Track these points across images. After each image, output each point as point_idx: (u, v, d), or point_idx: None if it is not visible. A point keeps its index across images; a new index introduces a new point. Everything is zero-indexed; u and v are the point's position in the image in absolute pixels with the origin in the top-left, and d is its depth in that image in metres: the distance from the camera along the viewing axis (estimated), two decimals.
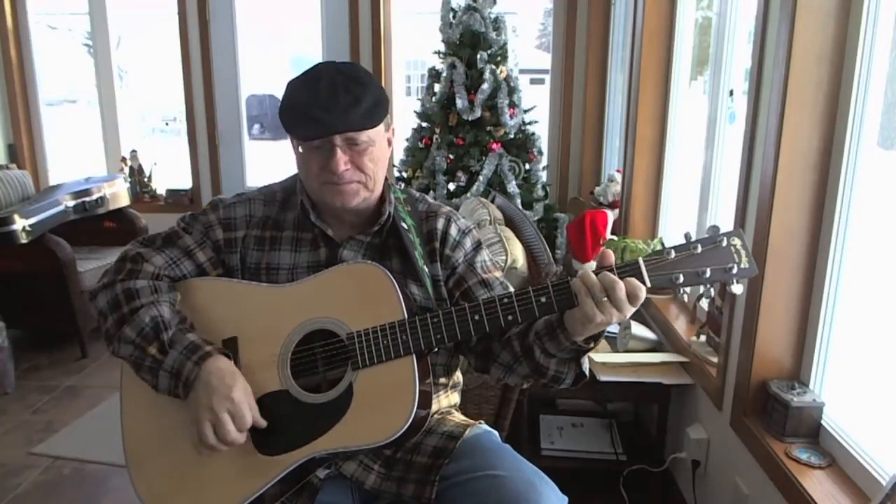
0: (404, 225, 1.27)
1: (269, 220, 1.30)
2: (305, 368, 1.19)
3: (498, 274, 1.32)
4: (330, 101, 1.13)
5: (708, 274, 1.06)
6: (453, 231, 1.30)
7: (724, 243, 1.06)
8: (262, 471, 1.16)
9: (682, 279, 1.06)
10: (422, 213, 1.32)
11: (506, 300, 1.11)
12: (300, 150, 1.19)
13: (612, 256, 1.08)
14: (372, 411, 1.14)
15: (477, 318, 1.12)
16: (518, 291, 1.12)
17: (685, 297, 2.40)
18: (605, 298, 1.03)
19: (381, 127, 1.20)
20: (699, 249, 1.06)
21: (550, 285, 1.09)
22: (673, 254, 1.06)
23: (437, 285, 1.28)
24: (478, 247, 1.33)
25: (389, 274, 1.17)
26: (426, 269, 1.26)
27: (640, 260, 1.07)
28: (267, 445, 1.17)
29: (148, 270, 1.23)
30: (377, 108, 1.17)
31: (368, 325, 1.15)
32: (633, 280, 1.04)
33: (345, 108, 1.13)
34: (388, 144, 1.25)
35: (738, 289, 1.07)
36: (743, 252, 1.06)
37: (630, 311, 1.05)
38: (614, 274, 1.05)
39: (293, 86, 1.18)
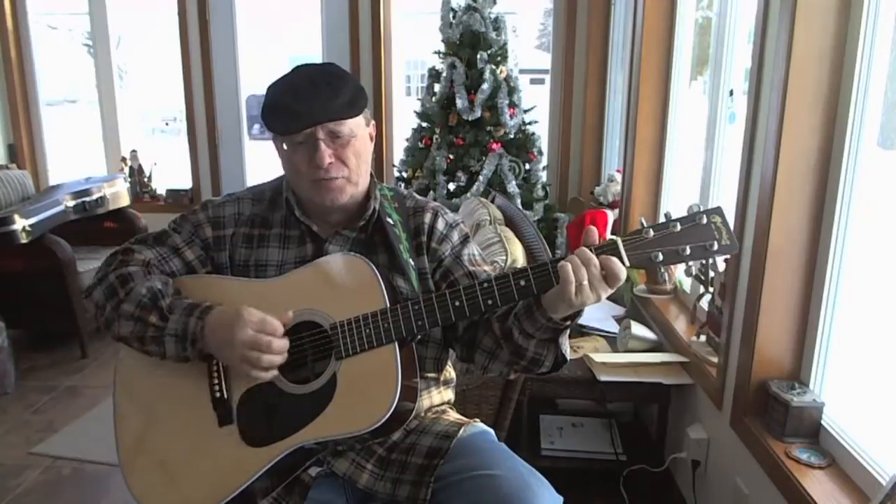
0: (390, 220, 1.29)
1: (258, 218, 1.32)
2: (293, 360, 1.20)
3: (487, 268, 1.32)
4: (309, 95, 1.16)
5: (688, 252, 1.05)
6: (440, 225, 1.33)
7: (704, 220, 1.06)
8: (251, 462, 1.17)
9: (661, 257, 1.06)
10: (409, 208, 1.35)
11: (485, 285, 1.12)
12: (284, 147, 1.22)
13: (595, 234, 1.07)
14: (355, 400, 1.15)
15: (458, 303, 1.13)
16: (497, 275, 1.13)
17: (664, 280, 2.41)
18: (585, 282, 1.03)
19: (362, 120, 1.24)
20: (678, 227, 1.06)
21: (529, 268, 1.10)
22: (651, 232, 1.06)
23: (424, 278, 1.30)
24: (465, 240, 1.35)
25: (371, 264, 1.19)
26: (412, 262, 1.28)
27: (618, 239, 1.07)
28: (254, 437, 1.18)
29: (139, 259, 1.26)
30: (356, 98, 1.21)
31: (351, 315, 1.16)
32: (614, 259, 1.04)
33: (325, 100, 1.16)
34: (370, 140, 1.27)
35: (720, 264, 1.07)
36: (724, 229, 1.06)
37: (607, 291, 1.05)
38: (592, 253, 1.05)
39: (273, 87, 1.22)
